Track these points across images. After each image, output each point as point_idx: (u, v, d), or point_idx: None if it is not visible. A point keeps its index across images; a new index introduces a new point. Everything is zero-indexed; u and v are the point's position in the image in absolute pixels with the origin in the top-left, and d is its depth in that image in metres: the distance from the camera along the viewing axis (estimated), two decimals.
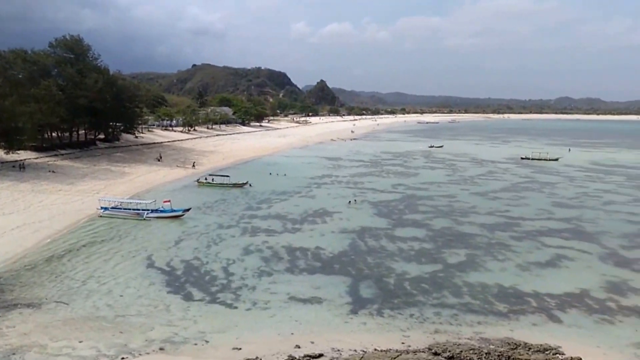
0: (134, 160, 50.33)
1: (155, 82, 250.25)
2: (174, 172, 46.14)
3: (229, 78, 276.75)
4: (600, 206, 34.26)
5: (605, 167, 57.40)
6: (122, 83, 61.43)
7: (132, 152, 55.25)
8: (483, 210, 32.26)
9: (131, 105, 59.89)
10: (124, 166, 46.25)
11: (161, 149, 60.17)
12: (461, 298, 17.70)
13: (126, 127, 61.11)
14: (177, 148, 63.63)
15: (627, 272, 20.60)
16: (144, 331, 14.46)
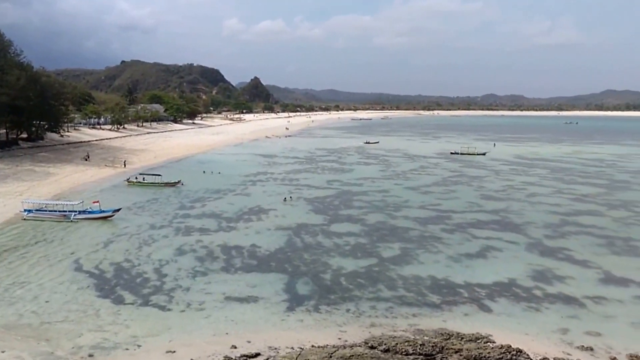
0: (60, 160, 47.57)
1: (82, 79, 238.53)
2: (102, 171, 44.02)
3: (159, 75, 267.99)
4: (525, 198, 35.98)
5: (528, 160, 60.51)
6: (47, 80, 58.29)
7: (57, 152, 52.24)
8: (416, 204, 33.02)
9: (56, 103, 56.85)
10: (49, 166, 43.59)
11: (89, 148, 57.30)
12: (396, 291, 17.93)
13: (51, 125, 57.86)
14: (105, 147, 60.84)
15: (551, 260, 21.66)
16: (71, 338, 13.60)
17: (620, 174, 48.55)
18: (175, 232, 25.31)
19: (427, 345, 12.76)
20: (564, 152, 70.76)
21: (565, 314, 16.08)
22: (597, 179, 45.46)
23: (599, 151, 73.13)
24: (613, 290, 18.16)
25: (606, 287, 18.50)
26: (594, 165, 56.06)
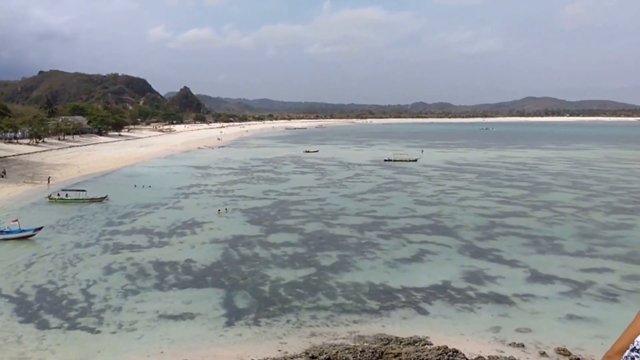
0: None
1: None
2: (21, 188, 41.23)
3: (81, 85, 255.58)
4: (456, 202, 37.23)
5: (458, 165, 62.82)
6: None
7: None
8: (352, 212, 33.32)
9: None
10: None
11: (5, 164, 53.51)
12: (335, 299, 17.89)
13: None
14: (23, 162, 57.13)
15: (482, 261, 22.43)
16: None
17: (541, 177, 51.40)
18: (103, 250, 24.04)
19: (367, 351, 12.77)
20: (489, 157, 74.09)
21: (496, 313, 16.64)
22: (521, 181, 47.88)
23: (522, 155, 77.19)
24: (539, 288, 19.04)
25: (533, 285, 19.37)
26: (517, 168, 59.06)
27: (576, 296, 18.24)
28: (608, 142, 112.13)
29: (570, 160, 68.59)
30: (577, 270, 21.01)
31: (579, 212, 32.83)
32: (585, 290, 18.75)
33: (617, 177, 50.79)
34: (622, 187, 43.86)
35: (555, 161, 68.08)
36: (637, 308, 8.91)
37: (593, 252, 23.78)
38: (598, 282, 19.58)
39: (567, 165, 62.84)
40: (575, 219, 30.86)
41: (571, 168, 59.26)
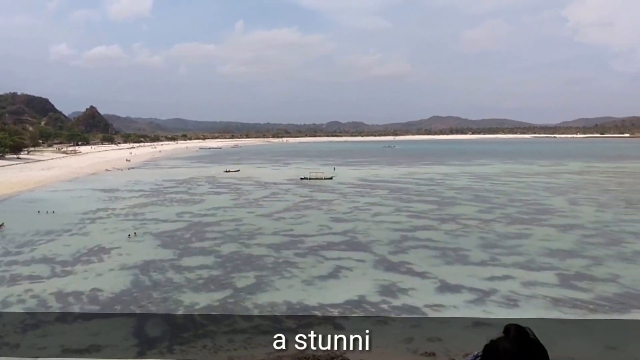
0: None
1: None
2: None
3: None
4: (370, 218, 38.25)
5: (371, 182, 64.73)
6: None
7: None
8: (269, 231, 33.17)
9: None
10: None
11: None
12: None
13: None
14: None
15: (395, 274, 23.14)
16: None
17: (448, 191, 54.23)
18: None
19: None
20: (400, 174, 77.11)
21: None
22: (430, 196, 50.22)
23: (430, 171, 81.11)
24: (448, 297, 19.97)
25: (443, 295, 20.28)
26: (426, 184, 61.93)
27: (482, 304, 19.32)
28: (506, 157, 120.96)
29: (473, 175, 73.07)
30: (482, 279, 22.28)
31: (482, 224, 34.94)
32: (489, 298, 19.90)
33: (515, 189, 54.83)
34: (520, 199, 47.35)
35: (460, 176, 72.18)
36: (535, 311, 9.75)
37: (495, 261, 25.36)
38: (500, 289, 20.86)
39: (470, 180, 66.88)
40: (479, 230, 32.80)
41: (474, 182, 63.14)
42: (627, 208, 41.12)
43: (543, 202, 44.97)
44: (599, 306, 18.81)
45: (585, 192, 52.63)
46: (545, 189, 55.57)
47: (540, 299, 19.62)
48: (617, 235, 30.55)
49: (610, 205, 42.61)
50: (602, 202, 44.96)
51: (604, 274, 22.71)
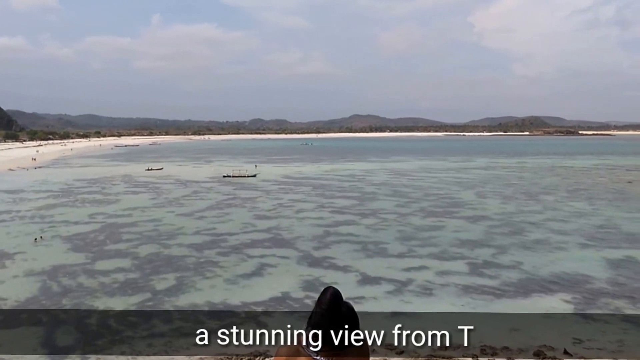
0: None
1: None
2: None
3: None
4: (293, 214, 38.49)
5: (294, 179, 65.10)
6: None
7: None
8: (190, 231, 32.45)
9: None
10: None
11: None
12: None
13: None
14: None
15: (318, 270, 23.54)
16: None
17: (368, 187, 55.76)
18: None
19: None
20: (323, 170, 78.17)
21: None
22: (351, 192, 51.38)
23: (351, 168, 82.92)
24: (369, 289, 20.62)
25: (363, 287, 20.91)
26: (347, 180, 63.27)
27: (400, 294, 20.14)
28: (421, 154, 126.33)
29: (391, 171, 75.62)
30: (400, 270, 23.21)
31: (400, 218, 36.31)
32: (407, 288, 20.78)
33: (430, 184, 57.46)
34: (434, 193, 49.70)
35: (380, 172, 74.41)
36: (448, 299, 10.47)
37: (412, 252, 26.49)
38: (417, 279, 21.84)
39: (389, 175, 69.19)
40: (397, 224, 34.06)
41: (392, 178, 65.41)
42: (528, 200, 44.42)
43: (454, 196, 47.50)
44: (505, 291, 20.22)
45: (491, 185, 56.22)
46: (456, 183, 58.72)
47: (452, 287, 20.76)
48: (519, 225, 32.93)
49: (513, 198, 45.85)
50: (505, 195, 48.24)
51: (508, 261, 24.42)
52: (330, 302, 3.29)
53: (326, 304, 3.28)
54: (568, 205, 41.27)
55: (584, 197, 46.35)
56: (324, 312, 3.23)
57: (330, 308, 3.28)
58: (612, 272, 22.39)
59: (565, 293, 19.76)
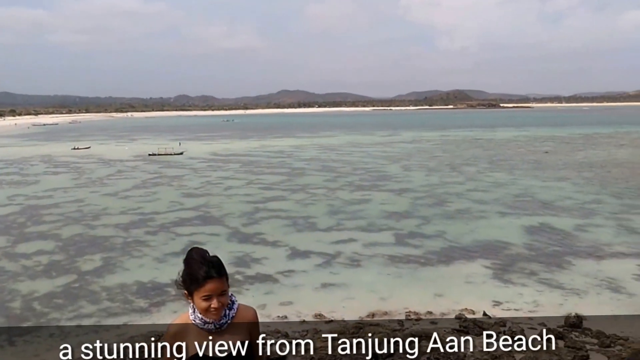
0: None
1: None
2: None
3: None
4: (222, 192, 38.20)
5: (223, 156, 64.25)
6: None
7: None
8: (116, 211, 31.46)
9: None
10: None
11: None
12: (100, 304, 16.95)
13: None
14: None
15: (248, 245, 23.72)
16: None
17: (297, 163, 56.18)
18: None
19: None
20: (252, 147, 77.62)
21: (262, 292, 17.99)
22: (280, 168, 51.60)
23: (280, 144, 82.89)
24: (299, 263, 21.13)
25: (293, 261, 21.39)
26: (276, 156, 63.35)
27: (329, 266, 20.80)
28: (349, 129, 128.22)
29: (320, 147, 76.46)
30: (329, 243, 23.89)
31: (329, 192, 37.07)
32: (335, 260, 21.48)
33: (358, 159, 58.78)
34: (362, 167, 50.98)
35: (308, 148, 75.01)
36: (375, 269, 11.22)
37: (340, 226, 27.27)
38: (345, 251, 22.59)
39: (318, 151, 69.97)
40: (326, 198, 34.78)
41: (321, 153, 66.24)
42: (451, 172, 46.65)
43: (381, 170, 49.00)
44: (429, 259, 21.40)
45: (417, 158, 58.42)
46: (383, 157, 60.47)
47: (379, 257, 21.69)
48: (443, 196, 34.65)
49: (437, 170, 47.96)
50: (430, 167, 50.37)
51: (432, 231, 25.76)
52: (196, 253, 3.47)
53: (193, 256, 3.46)
54: (488, 176, 43.73)
55: (504, 167, 49.22)
56: (194, 260, 3.41)
57: (198, 255, 3.45)
58: (529, 238, 24.16)
59: (485, 259, 21.14)
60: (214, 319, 3.39)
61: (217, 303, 3.33)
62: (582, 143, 76.82)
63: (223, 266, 3.52)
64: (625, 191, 35.49)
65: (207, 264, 3.42)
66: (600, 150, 65.16)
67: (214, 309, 3.33)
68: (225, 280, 3.47)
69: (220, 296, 3.36)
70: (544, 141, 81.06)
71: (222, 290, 3.38)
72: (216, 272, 3.42)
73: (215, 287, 3.33)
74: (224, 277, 3.47)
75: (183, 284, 3.47)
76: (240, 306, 3.68)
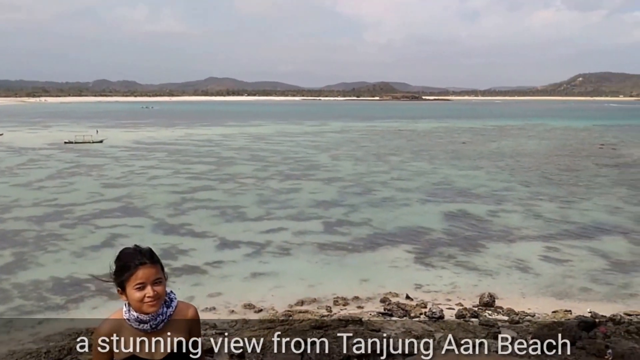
0: None
1: None
2: None
3: None
4: (146, 182, 36.85)
5: (147, 145, 61.93)
6: None
7: None
8: (28, 202, 29.48)
9: None
10: None
11: None
12: (12, 302, 15.89)
13: None
14: None
15: (175, 237, 23.10)
16: None
17: (226, 152, 55.30)
18: None
19: (52, 351, 11.95)
20: (178, 135, 75.43)
21: (190, 283, 17.62)
22: (208, 157, 50.56)
23: (208, 132, 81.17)
24: (228, 253, 20.87)
25: (222, 252, 21.10)
26: (204, 145, 61.99)
27: (258, 256, 20.71)
28: (279, 118, 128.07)
29: (250, 136, 75.73)
30: (258, 232, 23.77)
31: (258, 182, 36.84)
32: (265, 250, 21.43)
33: (287, 148, 58.81)
34: (292, 157, 51.06)
35: (238, 137, 74.04)
36: (305, 257, 11.24)
37: (270, 215, 27.21)
38: (275, 240, 22.59)
39: (247, 140, 69.26)
40: (255, 188, 34.53)
41: (251, 143, 65.62)
42: (377, 161, 47.85)
43: (311, 159, 49.34)
44: (356, 246, 21.88)
45: (345, 148, 59.34)
46: (313, 146, 60.89)
47: (308, 245, 21.91)
48: (369, 185, 35.49)
49: (364, 159, 49.01)
50: (357, 156, 51.35)
51: (359, 218, 26.33)
52: (127, 248, 3.29)
53: (124, 250, 3.26)
54: (411, 165, 45.28)
55: (425, 157, 51.12)
56: (126, 253, 3.22)
57: (129, 248, 3.25)
58: (447, 223, 25.32)
59: (408, 244, 21.94)
60: (151, 311, 3.13)
61: (151, 291, 3.07)
62: (495, 134, 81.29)
63: (156, 255, 3.35)
64: (532, 179, 38.05)
65: (138, 253, 3.23)
66: (511, 141, 69.30)
67: (149, 298, 3.07)
68: (160, 268, 3.29)
69: (154, 284, 3.10)
70: (462, 132, 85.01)
71: (157, 277, 3.12)
72: (148, 258, 3.22)
73: (148, 273, 3.08)
74: (158, 265, 3.27)
75: (115, 279, 3.27)
76: (180, 304, 3.48)
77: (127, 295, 3.20)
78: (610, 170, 42.04)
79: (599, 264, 19.15)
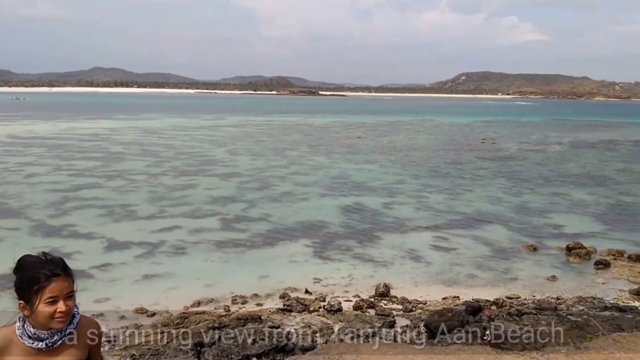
0: None
1: None
2: None
3: None
4: (23, 180, 33.58)
5: (23, 139, 56.57)
6: None
7: None
8: None
9: None
10: None
11: None
12: None
13: None
14: None
15: (56, 239, 21.26)
16: None
17: (114, 147, 52.10)
18: None
19: None
20: (60, 129, 69.77)
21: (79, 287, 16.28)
22: (95, 152, 47.29)
23: (94, 126, 76.02)
24: (117, 255, 19.60)
25: (110, 254, 19.78)
26: (90, 140, 57.91)
27: (151, 256, 19.69)
28: (173, 112, 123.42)
29: (140, 130, 72.08)
30: (151, 232, 22.63)
31: (151, 178, 35.12)
32: (158, 250, 20.44)
33: (182, 143, 56.79)
34: (186, 152, 49.36)
35: (127, 131, 70.14)
36: (201, 256, 10.76)
37: (164, 213, 26.04)
38: (169, 239, 21.64)
39: (138, 134, 65.85)
40: (147, 185, 32.87)
41: (142, 137, 62.45)
42: (275, 156, 47.79)
43: (207, 154, 48.06)
44: (254, 242, 21.62)
45: (243, 143, 58.61)
46: (209, 141, 59.40)
47: (205, 243, 21.26)
48: (268, 180, 35.31)
49: (262, 154, 48.72)
50: (255, 151, 50.93)
51: (258, 214, 26.07)
52: (30, 256, 3.06)
53: (27, 259, 3.02)
54: (309, 160, 45.75)
55: (323, 151, 51.93)
56: (31, 262, 2.96)
57: (35, 257, 3.03)
58: (344, 217, 25.87)
59: (306, 239, 22.10)
60: (59, 327, 2.90)
61: (64, 306, 2.87)
62: (387, 129, 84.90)
63: (68, 266, 3.01)
64: (422, 172, 40.21)
65: (49, 263, 2.88)
66: (402, 136, 72.79)
67: (60, 314, 2.85)
68: (72, 281, 2.97)
69: (67, 299, 2.90)
70: (357, 127, 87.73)
71: (70, 291, 2.93)
72: (62, 269, 2.90)
73: (62, 286, 2.87)
74: (71, 277, 2.96)
75: (18, 292, 2.87)
76: (82, 318, 3.14)
77: (33, 310, 2.83)
78: (491, 163, 45.61)
79: (483, 251, 20.64)
